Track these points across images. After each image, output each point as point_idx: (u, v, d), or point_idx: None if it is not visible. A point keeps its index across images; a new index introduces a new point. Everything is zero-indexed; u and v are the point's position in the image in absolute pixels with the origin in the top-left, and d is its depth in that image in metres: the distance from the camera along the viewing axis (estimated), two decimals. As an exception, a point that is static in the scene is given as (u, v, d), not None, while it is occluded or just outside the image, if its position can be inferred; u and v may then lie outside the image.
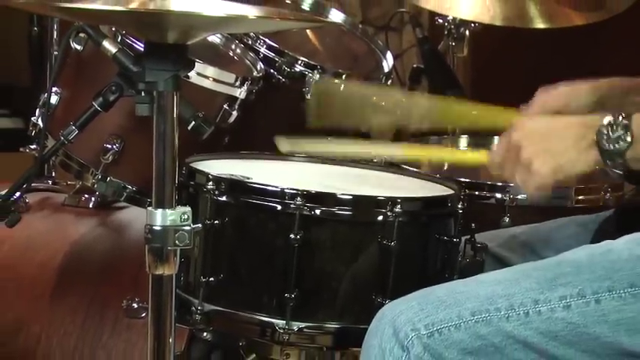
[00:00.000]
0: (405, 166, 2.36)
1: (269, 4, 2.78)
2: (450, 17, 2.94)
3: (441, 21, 3.01)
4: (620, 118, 1.69)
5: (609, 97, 2.06)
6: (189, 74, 2.03)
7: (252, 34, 2.50)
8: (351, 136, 2.10)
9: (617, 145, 1.69)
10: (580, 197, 2.42)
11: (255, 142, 2.32)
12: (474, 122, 2.08)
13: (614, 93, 2.05)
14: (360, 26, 2.93)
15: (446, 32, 3.00)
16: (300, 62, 2.50)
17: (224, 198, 1.88)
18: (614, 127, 1.69)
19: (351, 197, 1.87)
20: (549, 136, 1.75)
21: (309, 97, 2.16)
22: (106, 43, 2.01)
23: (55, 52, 2.85)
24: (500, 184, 2.39)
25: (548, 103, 2.05)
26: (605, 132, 1.69)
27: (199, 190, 1.90)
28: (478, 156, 1.94)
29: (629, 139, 1.68)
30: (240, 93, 2.30)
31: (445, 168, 2.64)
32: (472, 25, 2.96)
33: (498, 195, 2.38)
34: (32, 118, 2.44)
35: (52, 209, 2.66)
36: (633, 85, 2.02)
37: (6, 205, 2.23)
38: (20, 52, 3.45)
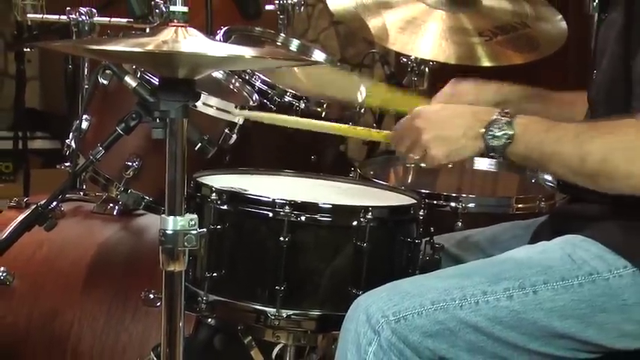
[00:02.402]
0: (376, 180, 2.36)
1: (263, 46, 2.78)
2: (413, 57, 2.94)
3: (405, 60, 3.01)
4: (505, 117, 1.70)
5: (509, 100, 2.06)
6: (196, 104, 2.01)
7: (248, 70, 2.48)
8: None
9: (499, 142, 1.69)
10: (520, 205, 2.42)
11: (251, 160, 2.31)
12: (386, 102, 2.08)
13: (513, 97, 2.05)
14: (339, 64, 2.93)
15: (409, 69, 3.01)
16: (288, 94, 2.49)
17: (225, 207, 1.86)
18: (500, 125, 1.69)
19: (330, 206, 1.85)
20: (445, 125, 1.76)
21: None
22: (128, 78, 2.00)
23: (86, 86, 2.83)
24: (454, 194, 2.38)
25: (459, 94, 2.05)
26: (491, 129, 1.69)
27: (204, 200, 1.89)
28: (383, 134, 1.95)
29: (510, 137, 1.69)
30: (239, 119, 2.29)
31: (409, 181, 2.64)
32: (431, 63, 2.96)
33: (453, 204, 2.38)
34: (66, 141, 2.43)
35: (83, 216, 2.64)
36: (528, 94, 2.02)
37: (45, 213, 2.22)
38: (57, 86, 3.44)
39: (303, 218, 1.82)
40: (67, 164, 2.55)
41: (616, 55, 1.74)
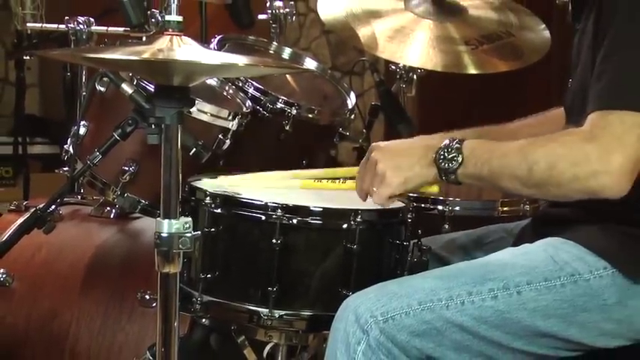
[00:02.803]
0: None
1: (256, 54, 2.78)
2: (401, 64, 2.94)
3: (394, 67, 3.02)
4: (455, 142, 1.71)
5: None
6: (190, 110, 2.02)
7: (242, 78, 2.48)
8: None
9: (450, 165, 1.70)
10: (504, 208, 2.42)
11: (244, 164, 2.30)
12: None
13: None
14: (329, 71, 2.92)
15: (398, 76, 3.01)
16: (280, 100, 2.49)
17: (219, 210, 1.86)
18: (449, 149, 1.71)
19: (321, 209, 1.86)
20: (400, 155, 1.78)
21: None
22: (124, 86, 2.00)
23: (84, 93, 2.83)
24: (441, 198, 2.39)
25: None
26: (442, 153, 1.71)
27: (199, 203, 1.89)
28: (348, 185, 1.95)
29: (460, 159, 1.70)
30: (232, 125, 2.29)
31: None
32: (419, 70, 2.97)
33: (440, 207, 2.38)
34: (65, 146, 2.42)
35: (80, 219, 2.64)
36: (469, 136, 2.01)
37: (44, 216, 2.22)
38: (56, 93, 3.44)
39: (294, 221, 1.83)
40: (65, 169, 2.55)
41: (587, 64, 1.75)
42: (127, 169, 2.26)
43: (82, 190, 2.79)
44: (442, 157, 1.72)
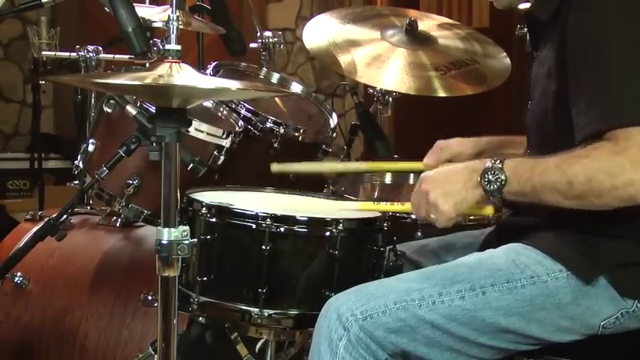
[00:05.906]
0: (346, 196, 2.35)
1: (247, 79, 2.77)
2: (378, 88, 2.94)
3: (371, 91, 3.02)
4: (497, 163, 1.68)
5: (487, 149, 2.11)
6: (188, 129, 2.00)
7: (235, 100, 2.48)
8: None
9: (495, 185, 1.68)
10: (471, 217, 2.41)
11: (237, 178, 2.29)
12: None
13: (491, 147, 2.10)
14: (314, 94, 2.92)
15: (375, 99, 3.01)
16: (269, 120, 2.48)
17: (214, 219, 1.85)
18: (492, 170, 1.67)
19: (306, 218, 1.84)
20: (445, 182, 1.74)
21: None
22: (129, 107, 1.99)
23: (93, 114, 2.82)
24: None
25: (443, 153, 2.09)
26: (487, 176, 1.68)
27: (195, 213, 1.87)
28: (406, 207, 1.90)
29: (503, 179, 1.67)
30: (226, 143, 2.28)
31: (375, 196, 2.63)
32: (394, 93, 2.97)
33: (413, 216, 2.36)
34: (75, 162, 2.40)
35: (89, 227, 2.63)
36: (504, 141, 2.02)
37: (56, 225, 2.21)
38: (68, 113, 3.43)
39: (282, 229, 1.81)
40: (76, 182, 2.54)
41: (547, 89, 1.75)
42: (131, 182, 2.24)
43: (90, 202, 2.77)
44: (487, 178, 1.68)
